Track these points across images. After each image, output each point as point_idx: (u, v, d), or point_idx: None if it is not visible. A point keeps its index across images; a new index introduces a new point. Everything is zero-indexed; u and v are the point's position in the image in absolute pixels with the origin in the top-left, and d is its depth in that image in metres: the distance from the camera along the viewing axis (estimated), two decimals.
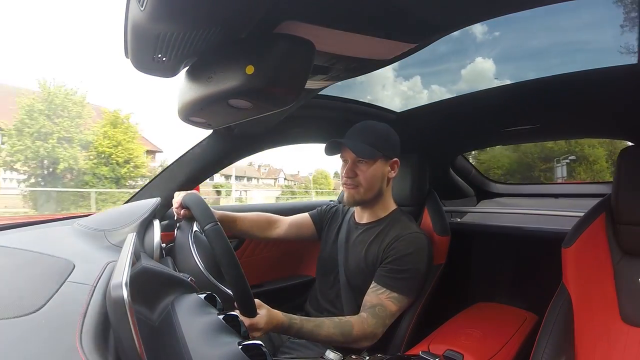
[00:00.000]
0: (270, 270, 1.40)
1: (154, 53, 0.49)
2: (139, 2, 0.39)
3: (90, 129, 11.74)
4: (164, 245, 0.90)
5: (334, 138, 0.94)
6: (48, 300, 0.37)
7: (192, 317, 0.48)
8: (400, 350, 0.90)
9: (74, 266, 0.48)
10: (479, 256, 1.64)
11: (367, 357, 0.76)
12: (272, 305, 0.75)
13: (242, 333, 0.49)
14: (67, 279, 0.44)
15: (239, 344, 0.42)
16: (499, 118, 1.19)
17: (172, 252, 0.85)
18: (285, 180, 31.32)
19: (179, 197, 0.86)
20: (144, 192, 1.09)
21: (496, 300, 1.23)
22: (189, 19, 0.42)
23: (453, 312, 1.08)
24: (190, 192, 0.85)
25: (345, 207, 1.10)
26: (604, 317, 0.72)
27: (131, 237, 0.54)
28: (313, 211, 1.14)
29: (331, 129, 1.22)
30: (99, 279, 0.45)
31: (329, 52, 0.60)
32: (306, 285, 1.38)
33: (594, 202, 0.83)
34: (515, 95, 1.01)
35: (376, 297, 0.85)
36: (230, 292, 0.71)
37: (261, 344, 0.43)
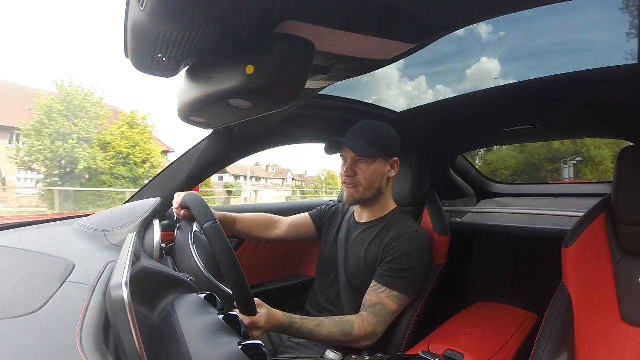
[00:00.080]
0: (270, 270, 1.40)
1: (154, 53, 0.49)
2: (139, 2, 0.39)
3: (107, 129, 11.91)
4: (164, 245, 0.90)
5: (334, 138, 0.94)
6: (48, 300, 0.37)
7: (192, 317, 0.48)
8: (401, 350, 0.90)
9: (74, 266, 0.48)
10: (479, 256, 1.64)
11: (367, 357, 0.76)
12: (272, 305, 0.75)
13: (242, 333, 0.49)
14: (67, 279, 0.44)
15: (239, 344, 0.42)
16: (499, 118, 1.19)
17: (172, 252, 0.85)
18: (293, 180, 31.25)
19: (179, 197, 0.87)
20: (144, 192, 1.09)
21: (496, 300, 1.23)
22: (189, 19, 0.42)
23: (453, 312, 1.08)
24: (190, 192, 0.85)
25: (345, 207, 1.10)
26: (604, 317, 0.72)
27: (131, 237, 0.54)
28: (313, 211, 1.14)
29: (331, 129, 1.22)
30: (99, 279, 0.45)
31: (329, 52, 0.60)
32: (306, 285, 1.38)
33: (593, 202, 0.82)
34: (516, 95, 1.01)
35: (376, 296, 0.85)
36: (230, 292, 0.72)
37: (261, 344, 0.43)
